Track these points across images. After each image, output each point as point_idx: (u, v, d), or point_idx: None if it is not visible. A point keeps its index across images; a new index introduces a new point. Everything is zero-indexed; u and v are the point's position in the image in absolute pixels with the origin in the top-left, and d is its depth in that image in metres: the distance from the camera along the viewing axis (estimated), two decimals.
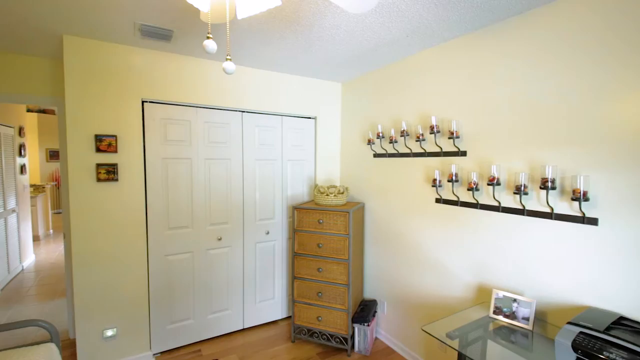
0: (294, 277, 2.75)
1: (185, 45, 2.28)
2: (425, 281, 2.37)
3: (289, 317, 3.19)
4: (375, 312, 2.80)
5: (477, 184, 1.95)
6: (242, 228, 2.88)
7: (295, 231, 2.73)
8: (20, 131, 4.73)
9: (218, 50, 2.35)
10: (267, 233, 3.02)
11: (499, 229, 1.89)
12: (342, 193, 2.75)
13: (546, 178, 1.58)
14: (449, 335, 1.59)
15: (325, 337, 2.66)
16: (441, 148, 2.21)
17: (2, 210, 3.92)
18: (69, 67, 2.13)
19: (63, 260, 4.91)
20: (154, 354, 2.55)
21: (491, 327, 1.67)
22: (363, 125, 2.97)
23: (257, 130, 2.89)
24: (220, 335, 2.85)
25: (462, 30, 1.98)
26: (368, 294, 2.98)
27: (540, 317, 1.70)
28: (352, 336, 2.60)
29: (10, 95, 2.48)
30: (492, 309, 1.76)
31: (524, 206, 1.75)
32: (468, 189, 1.96)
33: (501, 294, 1.75)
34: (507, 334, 1.59)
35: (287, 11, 1.74)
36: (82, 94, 2.17)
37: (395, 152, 2.60)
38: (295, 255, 2.74)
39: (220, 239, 2.77)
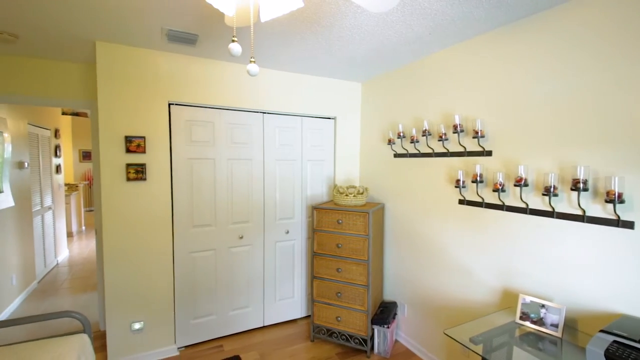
0: (313, 277, 2.76)
1: (209, 49, 2.35)
2: (448, 284, 2.32)
3: (308, 317, 3.21)
4: (396, 314, 2.76)
5: (503, 185, 1.89)
6: (262, 227, 2.92)
7: (314, 231, 2.75)
8: (56, 133, 5.01)
9: (241, 52, 2.40)
10: (287, 232, 3.05)
11: (527, 231, 1.82)
12: (362, 193, 2.74)
13: (577, 179, 1.51)
14: (472, 340, 1.55)
15: (344, 337, 2.66)
16: (465, 148, 2.16)
17: (39, 208, 4.17)
18: (101, 72, 2.24)
19: (94, 255, 5.17)
20: (179, 348, 2.63)
21: (517, 333, 1.61)
22: (383, 125, 2.94)
23: (277, 130, 2.93)
24: (241, 332, 2.91)
25: (488, 26, 1.93)
26: (388, 296, 2.95)
27: (570, 324, 1.62)
28: (372, 338, 2.58)
29: (48, 99, 2.64)
30: (518, 314, 1.70)
31: (553, 208, 1.68)
32: (493, 190, 1.90)
33: (528, 299, 1.69)
34: (534, 340, 1.54)
35: (308, 12, 1.76)
36: (113, 97, 2.28)
37: (417, 152, 2.56)
38: (314, 255, 2.75)
39: (241, 238, 2.83)
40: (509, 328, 1.66)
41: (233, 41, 1.02)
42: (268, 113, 2.88)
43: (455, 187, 2.16)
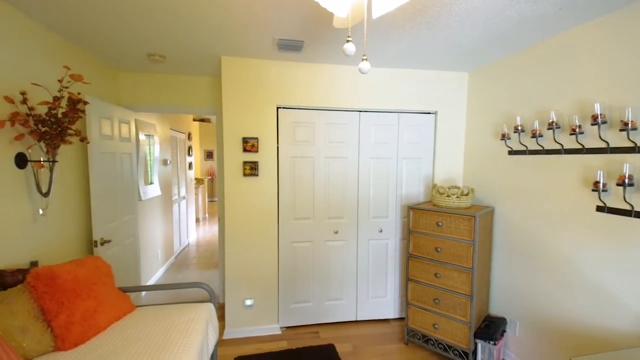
0: (407, 279, 2.68)
1: (312, 54, 2.49)
2: (576, 305, 1.95)
3: (401, 318, 3.13)
4: (504, 331, 2.46)
5: None
6: (356, 224, 2.97)
7: (410, 232, 2.65)
8: (189, 136, 6.08)
9: (338, 53, 2.48)
10: (380, 231, 3.02)
11: None
12: (467, 194, 2.51)
13: None
14: None
15: (441, 346, 2.50)
16: (608, 143, 1.76)
17: (177, 197, 5.14)
18: (225, 82, 2.61)
19: (216, 239, 6.10)
20: (281, 327, 2.90)
21: None
22: (495, 118, 2.63)
23: (372, 128, 2.93)
24: (335, 323, 3.03)
25: None
26: (494, 310, 2.64)
27: None
28: (475, 352, 2.36)
29: (184, 107, 3.21)
30: None
31: None
32: None
33: None
34: None
35: (414, 2, 1.70)
36: (234, 103, 2.64)
37: (540, 148, 2.20)
38: (409, 257, 2.66)
39: (336, 232, 2.94)
40: None
41: (348, 41, 1.05)
42: (364, 111, 2.90)
43: (593, 190, 1.78)
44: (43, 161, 1.91)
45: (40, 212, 1.96)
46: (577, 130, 1.88)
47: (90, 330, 1.65)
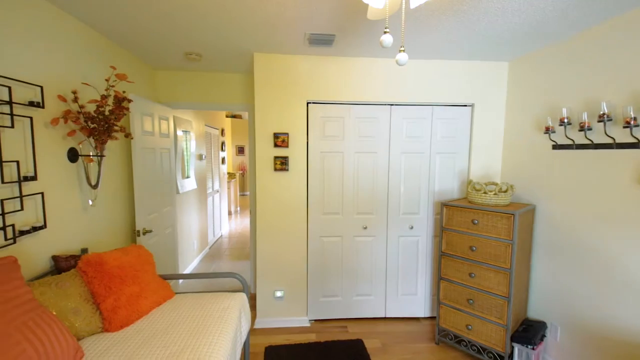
0: (440, 278, 2.60)
1: (343, 47, 2.47)
2: (627, 311, 1.79)
3: (432, 317, 3.05)
4: (544, 336, 2.33)
5: None
6: (386, 220, 2.93)
7: (443, 229, 2.57)
8: (222, 132, 6.27)
9: (370, 46, 2.43)
10: (411, 228, 2.96)
11: None
12: (505, 191, 2.38)
13: None
14: None
15: (475, 348, 2.42)
16: None
17: (211, 191, 5.34)
18: (258, 78, 2.66)
19: (247, 231, 6.28)
20: (310, 320, 2.95)
21: None
22: (538, 110, 2.47)
23: (404, 122, 2.85)
24: (363, 318, 3.02)
25: None
26: (533, 314, 2.50)
27: None
28: (511, 356, 2.26)
29: (218, 104, 3.31)
30: None
31: None
32: None
33: None
34: None
35: None
36: (265, 99, 2.68)
37: (589, 142, 2.03)
38: (442, 255, 2.58)
39: (365, 228, 2.91)
40: None
41: (385, 33, 1.03)
42: (396, 105, 2.83)
43: None
44: (92, 156, 2.06)
45: (90, 203, 2.12)
46: (632, 122, 1.71)
47: (134, 314, 1.76)
